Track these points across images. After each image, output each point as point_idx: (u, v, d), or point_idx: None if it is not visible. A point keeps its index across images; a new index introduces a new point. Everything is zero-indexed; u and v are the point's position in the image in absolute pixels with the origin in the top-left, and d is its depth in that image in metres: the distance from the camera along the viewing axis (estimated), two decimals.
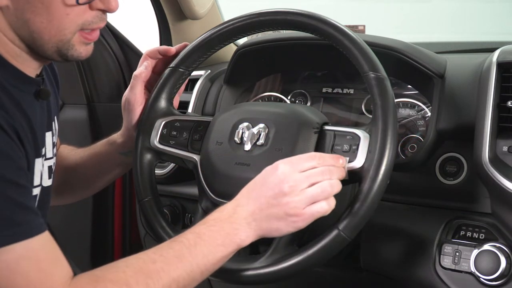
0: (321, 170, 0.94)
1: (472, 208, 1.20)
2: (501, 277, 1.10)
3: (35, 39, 0.93)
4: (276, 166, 0.95)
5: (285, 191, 0.92)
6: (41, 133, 1.00)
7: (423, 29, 5.65)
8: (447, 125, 1.20)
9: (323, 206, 0.92)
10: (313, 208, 0.92)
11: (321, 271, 1.34)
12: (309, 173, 0.93)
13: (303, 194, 0.92)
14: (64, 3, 0.90)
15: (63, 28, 0.92)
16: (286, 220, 0.92)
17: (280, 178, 0.93)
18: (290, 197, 0.92)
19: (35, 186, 0.98)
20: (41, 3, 0.89)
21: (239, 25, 1.13)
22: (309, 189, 0.92)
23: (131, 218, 1.88)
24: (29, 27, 0.91)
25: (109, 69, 1.82)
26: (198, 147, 1.11)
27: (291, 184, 0.92)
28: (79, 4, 0.91)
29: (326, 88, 1.39)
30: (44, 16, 0.90)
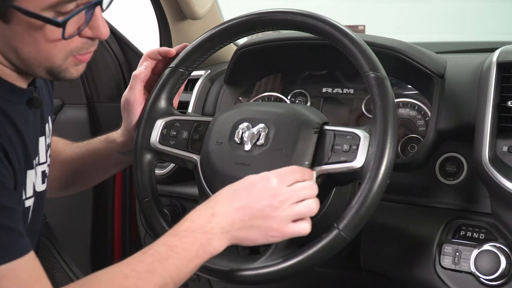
0: (306, 185, 0.94)
1: (472, 208, 1.20)
2: (501, 277, 1.10)
3: (25, 64, 0.91)
4: (266, 177, 0.94)
5: (274, 205, 0.91)
6: (33, 143, 0.99)
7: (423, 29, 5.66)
8: (447, 125, 1.20)
9: (305, 227, 0.93)
10: (295, 227, 0.92)
11: (321, 271, 1.34)
12: (297, 187, 0.93)
13: (291, 210, 0.92)
14: (51, 37, 0.88)
15: (52, 56, 0.90)
16: (266, 234, 0.92)
17: (271, 191, 0.92)
18: (278, 211, 0.91)
19: (28, 197, 0.97)
20: (28, 34, 0.87)
21: (239, 25, 1.13)
22: (297, 206, 0.92)
23: (131, 218, 1.88)
24: (18, 54, 0.90)
25: (109, 69, 1.82)
26: (198, 147, 1.11)
27: (281, 199, 0.92)
28: (65, 39, 0.88)
29: (326, 88, 1.39)
30: (32, 47, 0.88)
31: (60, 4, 0.85)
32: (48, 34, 0.87)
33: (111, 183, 1.86)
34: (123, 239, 1.89)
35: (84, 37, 0.92)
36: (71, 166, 1.25)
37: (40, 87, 1.04)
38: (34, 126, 1.00)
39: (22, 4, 0.83)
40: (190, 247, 0.90)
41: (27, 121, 0.97)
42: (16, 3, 0.83)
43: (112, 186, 1.86)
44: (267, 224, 0.91)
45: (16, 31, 0.87)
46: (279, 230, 0.92)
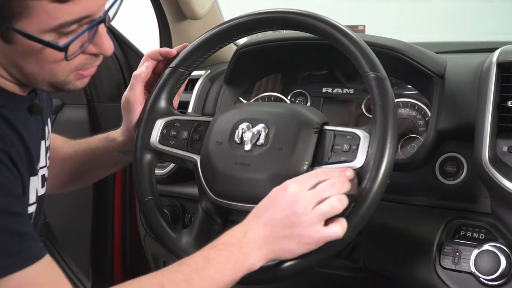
0: (328, 184, 0.93)
1: (472, 208, 1.20)
2: (501, 277, 1.10)
3: (28, 79, 0.91)
4: (285, 186, 0.93)
5: (297, 211, 0.91)
6: (36, 149, 0.99)
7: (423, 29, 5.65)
8: (447, 125, 1.20)
9: (336, 231, 0.91)
10: (325, 231, 0.91)
11: (321, 271, 1.34)
12: (318, 189, 0.92)
13: (314, 212, 0.91)
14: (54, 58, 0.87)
15: (55, 73, 0.90)
16: (299, 242, 0.91)
17: (291, 199, 0.92)
18: (302, 217, 0.91)
19: (31, 203, 0.97)
20: (29, 55, 0.86)
21: (238, 25, 1.13)
22: (319, 207, 0.91)
23: (131, 218, 1.88)
24: (21, 71, 0.89)
25: (109, 69, 1.82)
26: (198, 147, 1.11)
27: (302, 204, 0.91)
28: (67, 60, 0.88)
29: (326, 88, 1.39)
30: (35, 65, 0.88)
31: (62, 26, 0.84)
32: (50, 56, 0.87)
33: (111, 183, 1.86)
34: (123, 239, 1.89)
35: (88, 54, 0.92)
36: (69, 164, 1.24)
37: (40, 92, 1.03)
38: (36, 132, 1.00)
39: (22, 27, 0.82)
40: (226, 260, 0.90)
41: (29, 127, 0.97)
42: (16, 26, 0.82)
43: (112, 186, 1.86)
44: (296, 231, 0.91)
45: (18, 51, 0.86)
46: (310, 236, 0.91)
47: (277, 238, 0.91)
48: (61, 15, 0.82)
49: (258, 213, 0.94)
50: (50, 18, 0.82)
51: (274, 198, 0.94)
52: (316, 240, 0.91)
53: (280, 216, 0.91)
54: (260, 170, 1.02)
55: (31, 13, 0.81)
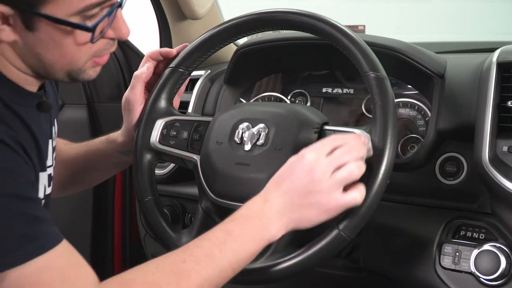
0: (345, 150, 0.92)
1: (472, 208, 1.20)
2: (501, 277, 1.10)
3: (46, 69, 0.92)
4: (302, 155, 0.93)
5: (315, 179, 0.90)
6: (45, 146, 1.00)
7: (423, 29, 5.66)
8: (447, 125, 1.20)
9: (355, 197, 0.91)
10: (344, 198, 0.91)
11: (321, 271, 1.34)
12: (334, 155, 0.92)
13: (332, 179, 0.90)
14: (77, 42, 0.89)
15: (75, 60, 0.92)
16: (319, 209, 0.91)
17: (309, 166, 0.91)
18: (321, 184, 0.90)
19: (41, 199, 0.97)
20: (53, 41, 0.88)
21: (239, 25, 1.13)
22: (337, 173, 0.91)
23: (131, 218, 1.88)
24: (40, 60, 0.91)
25: (109, 69, 1.82)
26: (198, 147, 1.11)
27: (320, 171, 0.91)
28: (93, 43, 0.90)
29: (326, 88, 1.39)
30: (56, 52, 0.89)
31: (87, 9, 0.86)
32: (76, 39, 0.89)
33: (111, 183, 1.86)
34: (123, 239, 1.89)
35: (107, 38, 0.94)
36: (71, 166, 1.25)
37: (48, 91, 1.05)
38: (45, 130, 1.01)
39: (49, 11, 0.84)
40: (246, 232, 0.90)
41: (40, 124, 0.98)
42: (43, 11, 0.84)
43: (112, 186, 1.86)
44: (315, 199, 0.91)
45: (41, 38, 0.87)
46: (329, 203, 0.91)
47: (296, 206, 0.91)
48: None
49: (276, 183, 0.94)
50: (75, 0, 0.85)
51: (291, 168, 0.94)
52: (335, 207, 0.91)
53: (299, 185, 0.91)
54: (260, 170, 1.02)
55: None
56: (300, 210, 0.91)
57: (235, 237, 0.90)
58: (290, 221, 0.92)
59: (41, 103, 0.98)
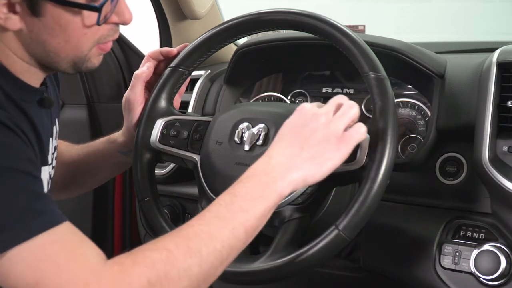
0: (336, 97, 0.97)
1: (472, 208, 1.20)
2: (501, 277, 1.10)
3: (51, 57, 0.92)
4: (299, 109, 0.95)
5: (320, 121, 0.92)
6: (47, 141, 1.00)
7: (423, 29, 5.66)
8: (447, 125, 1.20)
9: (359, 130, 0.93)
10: (351, 131, 0.92)
11: (321, 271, 1.34)
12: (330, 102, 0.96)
13: (336, 118, 0.93)
14: (83, 24, 0.89)
15: (80, 46, 0.92)
16: (331, 149, 0.91)
17: (309, 114, 0.93)
18: (328, 125, 0.92)
19: None
20: (59, 25, 0.88)
21: (239, 25, 1.13)
22: (338, 112, 0.94)
23: (131, 218, 1.88)
24: (45, 48, 0.90)
25: (109, 69, 1.82)
26: (198, 147, 1.11)
27: (323, 112, 0.93)
28: (99, 25, 0.90)
29: (326, 88, 1.39)
30: (61, 37, 0.89)
31: None
32: (82, 21, 0.89)
33: (111, 183, 1.86)
34: (123, 239, 1.89)
35: (110, 23, 0.94)
36: (73, 167, 1.25)
37: (50, 87, 1.05)
38: (47, 126, 1.01)
39: None
40: (254, 189, 0.88)
41: (41, 120, 0.98)
42: None
43: (112, 186, 1.86)
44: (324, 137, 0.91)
45: (46, 24, 0.87)
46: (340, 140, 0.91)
47: (305, 156, 0.90)
48: None
49: (279, 139, 0.94)
50: None
51: (292, 122, 0.94)
52: (347, 142, 0.92)
53: (303, 133, 0.92)
54: None
55: None
56: (309, 157, 0.90)
57: (243, 196, 0.88)
58: (300, 172, 0.90)
59: (43, 99, 0.98)
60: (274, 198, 0.89)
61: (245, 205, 0.87)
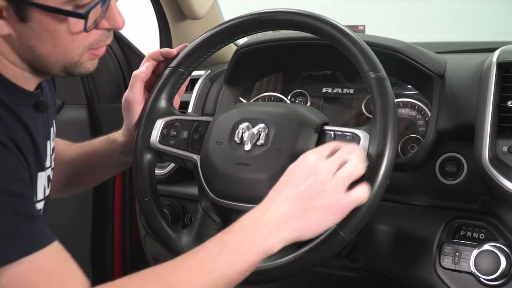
0: (344, 150, 0.92)
1: (472, 208, 1.20)
2: (501, 277, 1.10)
3: (41, 62, 0.91)
4: (302, 158, 0.92)
5: (319, 179, 0.88)
6: (43, 146, 0.99)
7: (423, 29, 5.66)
8: (447, 125, 1.20)
9: (362, 194, 0.89)
10: (352, 196, 0.89)
11: (321, 271, 1.34)
12: (335, 156, 0.91)
13: (337, 178, 0.88)
14: (70, 31, 0.88)
15: (70, 52, 0.90)
16: (325, 213, 0.88)
17: (311, 168, 0.89)
18: (325, 185, 0.88)
19: (39, 200, 0.97)
20: (46, 31, 0.86)
21: (239, 25, 1.13)
22: (340, 171, 0.89)
23: (131, 218, 1.88)
24: (35, 52, 0.89)
25: (109, 69, 1.82)
26: (198, 147, 1.11)
27: (323, 170, 0.88)
28: (86, 31, 0.89)
29: (326, 88, 1.39)
30: (50, 43, 0.88)
31: None
32: (69, 28, 0.87)
33: (111, 183, 1.86)
34: (123, 239, 1.89)
35: (101, 29, 0.92)
36: (72, 166, 1.24)
37: (45, 91, 1.04)
38: (43, 130, 1.00)
39: (41, 0, 0.83)
40: (244, 242, 0.87)
41: (37, 124, 0.97)
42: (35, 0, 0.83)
43: (112, 186, 1.86)
44: (320, 202, 0.88)
45: (34, 29, 0.86)
46: (336, 204, 0.88)
47: (299, 213, 0.88)
48: None
49: (277, 191, 0.91)
50: None
51: (292, 172, 0.91)
52: (342, 208, 0.89)
53: (302, 188, 0.89)
54: (260, 170, 1.02)
55: None
56: (303, 217, 0.88)
57: (231, 248, 0.87)
58: (292, 231, 0.89)
59: (38, 103, 0.97)
60: (262, 255, 0.88)
61: (232, 259, 0.87)
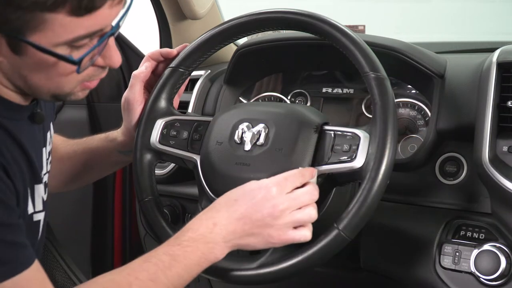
0: (306, 191, 0.95)
1: (472, 208, 1.20)
2: (501, 277, 1.10)
3: (32, 90, 0.90)
4: (264, 186, 0.94)
5: (274, 215, 0.92)
6: (39, 156, 0.99)
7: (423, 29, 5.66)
8: (447, 125, 1.20)
9: (306, 234, 0.94)
10: (296, 235, 0.93)
11: (321, 271, 1.34)
12: (297, 194, 0.94)
13: (291, 218, 0.93)
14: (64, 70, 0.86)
15: (62, 85, 0.90)
16: (266, 240, 0.93)
17: (271, 202, 0.92)
18: (278, 220, 0.92)
19: (38, 211, 0.97)
20: (39, 66, 0.85)
21: (239, 25, 1.13)
22: (297, 213, 0.93)
23: (131, 218, 1.88)
24: (26, 82, 0.88)
25: (109, 69, 1.82)
26: (198, 147, 1.11)
27: (281, 208, 0.92)
28: (79, 73, 0.87)
29: (326, 88, 1.39)
30: (43, 76, 0.87)
31: (75, 40, 0.83)
32: (61, 69, 0.86)
33: (111, 183, 1.86)
34: (123, 239, 1.89)
35: (96, 66, 0.91)
36: (69, 163, 1.24)
37: (41, 106, 1.02)
38: (39, 141, 1.00)
39: (35, 39, 0.81)
40: (192, 256, 0.91)
41: (33, 136, 0.97)
42: (29, 38, 0.81)
43: (112, 186, 1.86)
44: (266, 232, 0.93)
45: (27, 62, 0.85)
46: (279, 237, 0.93)
47: (245, 234, 0.93)
48: (76, 29, 0.82)
49: (230, 205, 0.94)
50: (65, 31, 0.82)
51: (251, 195, 0.94)
52: (284, 241, 0.94)
53: (255, 216, 0.92)
54: (260, 170, 1.02)
55: (46, 27, 0.80)
56: (247, 238, 0.93)
57: (181, 261, 0.90)
58: (235, 245, 0.94)
59: (34, 115, 0.97)
60: (207, 265, 0.93)
61: (182, 272, 0.90)
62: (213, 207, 0.95)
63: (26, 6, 0.77)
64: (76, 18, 0.81)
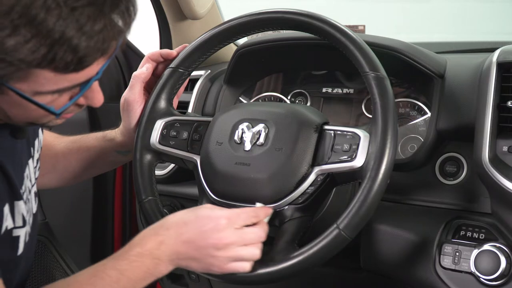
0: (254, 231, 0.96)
1: (472, 208, 1.20)
2: (501, 277, 1.10)
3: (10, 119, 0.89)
4: (216, 217, 0.95)
5: (219, 247, 0.94)
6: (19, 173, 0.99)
7: (423, 29, 5.66)
8: (447, 125, 1.20)
9: (245, 267, 0.96)
10: (235, 266, 0.95)
11: (321, 271, 1.34)
12: (244, 232, 0.95)
13: (233, 253, 0.94)
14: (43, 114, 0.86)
15: (41, 119, 0.90)
16: (207, 267, 0.96)
17: (218, 234, 0.94)
18: (221, 252, 0.94)
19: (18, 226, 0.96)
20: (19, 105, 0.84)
21: (239, 25, 1.13)
22: (240, 250, 0.95)
23: (131, 218, 1.88)
24: (6, 113, 0.88)
25: (109, 69, 1.82)
26: (198, 147, 1.11)
27: (226, 242, 0.94)
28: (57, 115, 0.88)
29: (326, 88, 1.39)
30: (22, 111, 0.86)
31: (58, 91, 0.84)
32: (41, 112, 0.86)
33: (111, 183, 1.86)
34: (123, 239, 1.89)
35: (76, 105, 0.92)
36: (63, 160, 1.24)
37: None
38: (21, 155, 0.99)
39: (18, 86, 0.81)
40: (139, 271, 0.93)
41: (14, 152, 0.96)
42: (11, 84, 0.80)
43: (112, 186, 1.86)
44: (208, 260, 0.95)
45: (7, 101, 0.84)
46: (219, 267, 0.95)
47: (188, 258, 0.95)
48: (60, 82, 0.82)
49: (179, 228, 0.95)
50: (48, 84, 0.81)
51: (201, 222, 0.95)
52: (223, 271, 0.96)
53: (201, 243, 0.94)
54: (260, 170, 1.02)
55: (30, 79, 0.80)
56: (189, 261, 0.95)
57: (128, 276, 0.92)
58: (178, 264, 0.96)
59: (16, 131, 0.96)
60: (151, 280, 0.95)
61: (128, 286, 0.92)
62: (163, 224, 0.96)
63: (11, 61, 0.76)
64: (62, 74, 0.80)
